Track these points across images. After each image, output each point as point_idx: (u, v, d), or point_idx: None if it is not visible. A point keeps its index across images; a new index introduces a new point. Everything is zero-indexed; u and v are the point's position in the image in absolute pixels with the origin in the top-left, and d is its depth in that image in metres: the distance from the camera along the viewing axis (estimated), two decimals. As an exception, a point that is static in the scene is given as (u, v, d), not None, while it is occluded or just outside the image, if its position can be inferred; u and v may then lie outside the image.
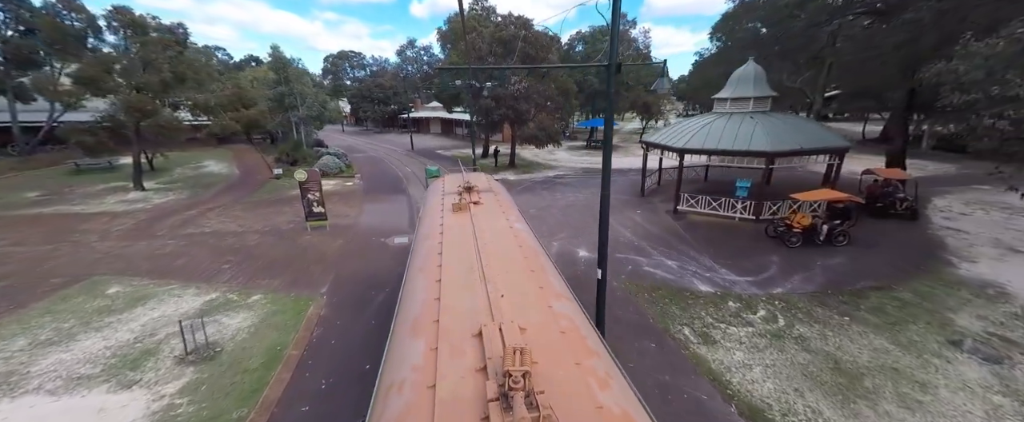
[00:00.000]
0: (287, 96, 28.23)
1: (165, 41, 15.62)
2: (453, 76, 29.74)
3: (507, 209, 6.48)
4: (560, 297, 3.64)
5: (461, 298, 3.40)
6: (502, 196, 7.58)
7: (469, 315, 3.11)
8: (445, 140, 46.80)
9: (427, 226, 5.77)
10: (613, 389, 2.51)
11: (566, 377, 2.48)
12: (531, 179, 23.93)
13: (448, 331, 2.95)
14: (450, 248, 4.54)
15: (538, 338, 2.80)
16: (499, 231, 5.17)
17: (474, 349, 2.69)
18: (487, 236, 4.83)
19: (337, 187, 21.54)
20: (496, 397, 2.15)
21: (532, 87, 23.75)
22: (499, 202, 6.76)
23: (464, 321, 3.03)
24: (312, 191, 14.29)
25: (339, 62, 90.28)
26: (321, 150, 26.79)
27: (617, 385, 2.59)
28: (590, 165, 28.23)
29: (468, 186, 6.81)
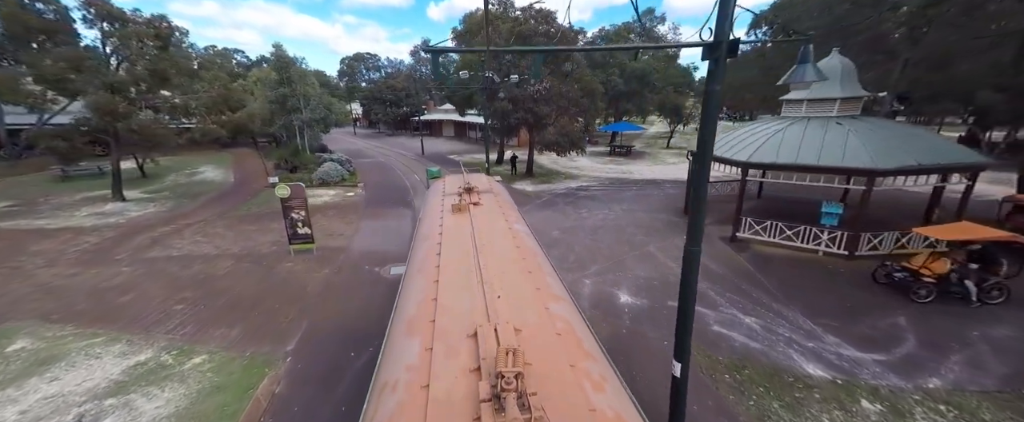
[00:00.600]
0: (289, 98, 26.43)
1: (141, 34, 13.79)
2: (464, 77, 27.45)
3: (507, 210, 6.42)
4: (557, 299, 3.60)
5: (458, 298, 3.37)
6: (502, 197, 7.52)
7: (465, 316, 3.07)
8: (458, 144, 44.64)
9: (427, 227, 5.76)
10: (607, 392, 2.49)
11: (560, 379, 2.46)
12: (551, 191, 21.36)
13: (444, 331, 2.94)
14: (449, 249, 4.51)
15: (533, 339, 2.78)
16: (498, 232, 5.14)
17: (469, 350, 2.68)
18: (486, 237, 4.77)
19: (335, 199, 19.41)
20: (489, 398, 2.12)
21: (554, 88, 21.23)
22: (499, 203, 6.67)
23: (460, 321, 3.01)
24: (296, 210, 12.09)
25: (355, 64, 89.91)
26: (323, 156, 24.85)
27: (611, 388, 2.58)
28: (616, 174, 25.47)
29: (468, 187, 6.76)
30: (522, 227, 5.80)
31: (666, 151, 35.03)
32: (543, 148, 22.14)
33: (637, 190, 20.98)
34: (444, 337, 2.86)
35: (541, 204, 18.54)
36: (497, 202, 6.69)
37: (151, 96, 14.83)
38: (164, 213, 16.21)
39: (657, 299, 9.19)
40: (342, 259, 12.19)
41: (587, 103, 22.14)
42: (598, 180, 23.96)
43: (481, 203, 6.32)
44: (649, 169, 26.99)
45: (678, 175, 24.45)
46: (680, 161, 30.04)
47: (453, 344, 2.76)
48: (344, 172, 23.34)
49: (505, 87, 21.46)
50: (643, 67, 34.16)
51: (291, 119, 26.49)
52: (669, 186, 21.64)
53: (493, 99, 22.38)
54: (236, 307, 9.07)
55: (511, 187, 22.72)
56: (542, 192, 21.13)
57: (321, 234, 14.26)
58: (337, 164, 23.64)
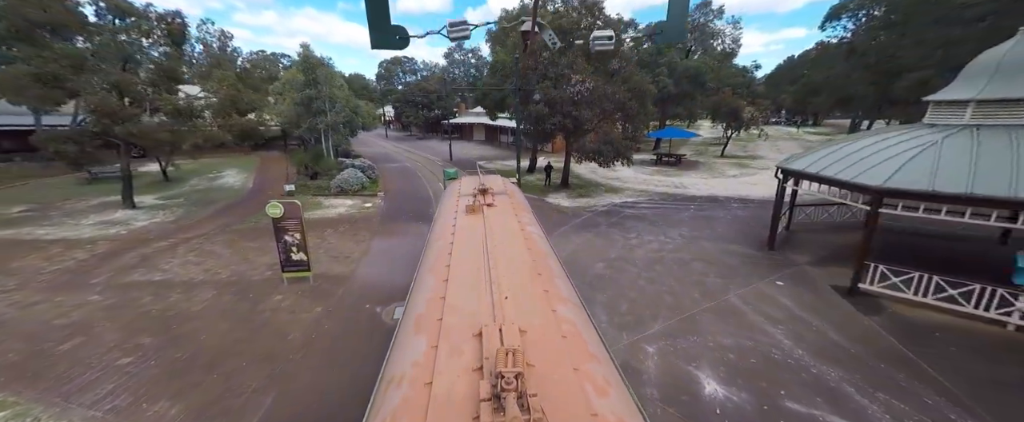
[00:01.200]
0: (315, 100, 25.28)
1: (145, 30, 12.64)
2: (502, 78, 25.21)
3: (520, 212, 6.33)
4: (565, 301, 3.59)
5: (466, 298, 3.39)
6: (516, 199, 7.43)
7: (472, 315, 3.10)
8: (488, 148, 42.56)
9: (440, 227, 5.79)
10: (611, 397, 2.45)
11: (562, 382, 2.44)
12: (590, 207, 18.54)
13: (450, 330, 2.95)
14: (460, 248, 4.53)
15: (538, 341, 2.78)
16: (510, 233, 5.11)
17: (473, 349, 2.69)
18: (497, 238, 4.79)
19: (351, 211, 17.63)
20: (489, 397, 2.13)
21: (597, 89, 18.44)
22: (512, 205, 6.62)
23: (466, 321, 3.03)
24: (290, 231, 10.14)
25: (392, 68, 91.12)
26: (345, 162, 23.41)
27: (616, 393, 2.53)
28: (667, 188, 22.18)
29: (483, 188, 6.77)
30: (535, 229, 5.73)
31: (722, 161, 31.06)
32: (582, 157, 19.38)
33: (696, 210, 17.71)
34: (450, 336, 2.88)
35: (580, 225, 15.79)
36: (511, 204, 6.68)
37: (156, 99, 13.65)
38: (169, 223, 15.01)
39: (763, 393, 6.28)
40: (341, 292, 10.11)
41: (636, 106, 19.19)
42: (646, 195, 20.83)
43: (495, 204, 6.32)
44: (706, 183, 23.44)
45: (746, 192, 20.82)
46: (743, 173, 26.17)
47: (458, 343, 2.78)
48: (364, 179, 21.68)
49: (541, 88, 18.94)
50: (697, 66, 30.45)
51: (316, 122, 25.34)
52: (736, 206, 18.18)
53: (527, 102, 19.93)
54: (193, 365, 7.10)
55: (544, 201, 20.10)
56: (580, 209, 18.35)
57: (325, 256, 12.34)
58: (358, 171, 22.03)
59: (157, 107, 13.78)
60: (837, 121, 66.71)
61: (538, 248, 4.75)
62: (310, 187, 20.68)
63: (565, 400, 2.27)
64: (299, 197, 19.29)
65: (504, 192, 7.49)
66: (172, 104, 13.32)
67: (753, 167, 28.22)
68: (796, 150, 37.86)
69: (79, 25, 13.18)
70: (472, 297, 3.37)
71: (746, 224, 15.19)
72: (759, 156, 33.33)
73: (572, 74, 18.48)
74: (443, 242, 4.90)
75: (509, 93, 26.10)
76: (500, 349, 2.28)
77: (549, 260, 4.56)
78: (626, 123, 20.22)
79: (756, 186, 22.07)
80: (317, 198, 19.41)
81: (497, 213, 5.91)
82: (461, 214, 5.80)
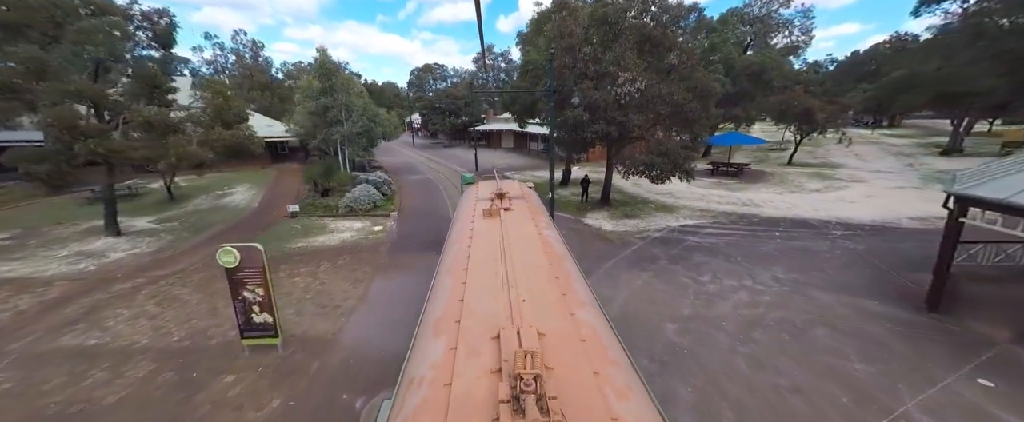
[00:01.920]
0: (330, 109, 23.33)
1: (116, 28, 10.64)
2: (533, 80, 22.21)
3: (537, 216, 6.39)
4: (583, 305, 3.57)
5: (484, 301, 3.41)
6: (532, 203, 7.42)
7: (490, 318, 3.11)
8: (517, 157, 39.61)
9: (458, 230, 5.86)
10: (632, 402, 2.43)
11: (582, 385, 2.43)
12: (641, 232, 15.07)
13: (468, 332, 2.97)
14: (478, 252, 4.57)
15: (556, 344, 2.78)
16: (527, 237, 5.14)
17: (491, 351, 2.70)
18: (515, 241, 4.85)
19: (356, 237, 15.09)
20: (508, 399, 2.13)
21: (650, 89, 15.00)
22: (529, 209, 6.65)
23: (484, 323, 3.04)
24: (250, 286, 7.50)
25: (424, 75, 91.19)
26: (359, 176, 21.13)
27: (637, 397, 2.52)
28: (734, 206, 18.22)
29: (500, 193, 6.94)
30: (552, 233, 5.76)
31: (793, 170, 26.42)
32: (630, 171, 15.94)
33: (783, 238, 13.81)
34: (468, 338, 2.90)
35: (631, 259, 12.39)
36: (528, 208, 6.66)
37: (126, 112, 11.69)
38: (148, 256, 13.00)
39: None
40: (315, 370, 7.35)
41: (698, 109, 15.57)
42: (709, 215, 17.03)
43: (512, 209, 6.37)
44: (783, 200, 19.25)
45: (843, 213, 16.55)
46: (828, 186, 21.62)
47: (476, 345, 2.80)
48: (377, 197, 19.23)
49: (580, 89, 15.73)
50: (761, 61, 26.13)
51: (331, 132, 23.35)
52: (839, 233, 14.08)
53: (563, 106, 16.76)
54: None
55: (581, 222, 16.77)
56: (629, 235, 14.90)
57: (311, 305, 9.69)
58: (371, 187, 19.63)
59: (127, 120, 11.85)
60: (919, 122, 58.76)
61: (555, 252, 4.80)
62: (318, 206, 18.47)
63: (585, 403, 2.26)
64: (303, 220, 17.06)
65: (521, 196, 7.49)
66: (143, 116, 11.28)
67: (838, 178, 23.49)
68: (882, 156, 32.20)
69: (49, 23, 11.35)
70: (490, 300, 3.39)
71: (867, 263, 11.21)
72: (837, 164, 28.29)
73: (619, 72, 15.14)
74: (461, 245, 4.94)
75: (540, 97, 23.08)
76: (519, 351, 2.35)
77: (566, 264, 4.57)
78: (683, 130, 16.58)
79: (855, 204, 17.68)
80: (323, 220, 17.10)
81: (514, 217, 5.93)
82: (479, 218, 5.89)
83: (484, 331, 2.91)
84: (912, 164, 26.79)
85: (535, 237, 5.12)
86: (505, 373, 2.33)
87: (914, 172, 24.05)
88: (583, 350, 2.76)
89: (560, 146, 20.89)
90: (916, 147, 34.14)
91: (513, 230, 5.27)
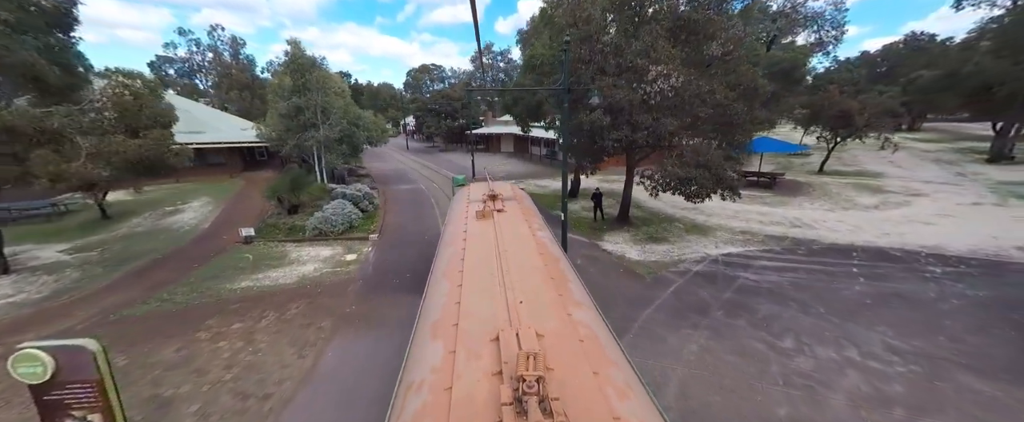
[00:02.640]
0: (304, 110, 20.25)
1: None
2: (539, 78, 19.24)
3: (530, 217, 6.38)
4: (580, 305, 3.57)
5: (481, 303, 3.40)
6: (526, 204, 7.49)
7: (488, 320, 3.10)
8: (517, 163, 36.61)
9: (451, 233, 5.82)
10: (632, 400, 2.44)
11: (583, 385, 2.44)
12: (674, 264, 12.08)
13: (466, 335, 2.95)
14: (472, 254, 4.53)
15: (555, 345, 2.78)
16: (521, 238, 5.13)
17: (491, 353, 2.69)
18: (509, 243, 4.82)
19: (322, 269, 12.00)
20: (510, 401, 2.13)
21: (688, 86, 12.05)
22: (522, 210, 6.63)
23: (482, 326, 3.03)
24: (75, 410, 4.40)
25: (420, 76, 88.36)
26: (336, 189, 18.02)
27: (637, 396, 2.53)
28: (779, 225, 15.21)
29: (493, 194, 6.91)
30: (545, 234, 5.79)
31: (830, 180, 23.49)
32: (660, 186, 12.96)
33: (867, 277, 10.80)
34: (467, 340, 2.89)
35: (673, 306, 9.34)
36: (520, 209, 6.64)
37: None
38: (30, 306, 9.85)
39: None
40: None
41: (744, 111, 12.62)
42: (754, 239, 14.03)
43: (505, 210, 6.32)
44: (839, 219, 16.26)
45: (932, 240, 13.52)
46: (883, 202, 18.67)
47: (475, 348, 2.78)
48: (355, 215, 16.15)
49: (599, 87, 12.74)
50: (792, 57, 23.23)
51: (305, 138, 20.26)
52: (940, 271, 11.05)
53: (577, 108, 13.78)
54: None
55: (598, 247, 13.80)
56: (661, 266, 11.90)
57: (229, 394, 6.58)
58: (348, 203, 16.56)
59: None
60: (938, 126, 56.16)
61: (549, 252, 4.77)
62: (281, 228, 15.36)
63: (586, 404, 2.27)
64: (259, 247, 13.95)
65: (514, 198, 7.51)
66: (3, 122, 8.21)
67: (890, 191, 20.53)
68: (920, 163, 28.99)
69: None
70: (487, 302, 3.37)
71: (1008, 321, 8.19)
72: (875, 172, 25.41)
73: (648, 65, 12.16)
74: (455, 248, 4.93)
75: (549, 97, 20.10)
76: (520, 353, 2.31)
77: (561, 264, 4.57)
78: (725, 135, 13.62)
79: (934, 227, 14.69)
80: (285, 246, 14.00)
81: (508, 218, 5.94)
82: (472, 220, 5.93)
83: (483, 333, 2.91)
84: (962, 173, 23.92)
85: (529, 238, 5.12)
86: (506, 375, 2.33)
87: (975, 183, 21.16)
88: (582, 350, 2.78)
89: (572, 154, 17.94)
90: (954, 153, 31.31)
91: (507, 231, 5.26)
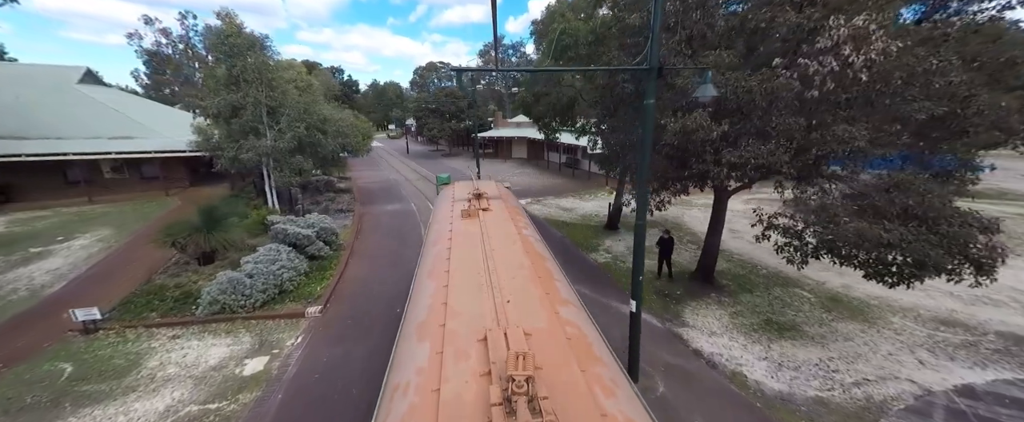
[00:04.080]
0: (241, 109, 14.52)
1: None
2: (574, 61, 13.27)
3: (516, 216, 6.30)
4: (567, 304, 3.58)
5: (468, 303, 3.37)
6: (511, 203, 7.38)
7: (475, 320, 3.06)
8: (532, 173, 30.48)
9: (436, 232, 5.79)
10: (619, 397, 2.45)
11: (571, 383, 2.44)
12: (858, 408, 5.83)
13: (454, 335, 2.92)
14: (458, 254, 4.50)
15: (543, 344, 2.77)
16: (507, 237, 5.07)
17: (479, 353, 2.65)
18: (495, 242, 4.78)
19: (190, 401, 6.14)
20: (500, 401, 2.10)
21: (895, 59, 5.98)
22: (508, 209, 6.51)
23: (470, 326, 3.00)
24: None
25: (427, 73, 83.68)
26: (277, 223, 12.11)
27: (623, 393, 2.53)
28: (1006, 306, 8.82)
29: (478, 193, 6.79)
30: (531, 232, 5.74)
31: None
32: (818, 247, 6.86)
33: None
34: (454, 341, 2.84)
35: None
36: (506, 208, 6.54)
37: None
38: None
39: None
40: None
41: (985, 105, 6.65)
42: (979, 340, 7.76)
43: (491, 209, 6.25)
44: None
45: None
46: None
47: (463, 348, 2.74)
48: (294, 269, 10.31)
49: (717, 66, 6.72)
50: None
51: (242, 147, 14.49)
52: None
53: (664, 98, 7.73)
54: None
55: (679, 338, 7.60)
56: (828, 412, 5.72)
57: None
58: (284, 250, 10.73)
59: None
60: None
61: (536, 251, 4.77)
62: (168, 296, 9.58)
63: (575, 402, 2.27)
64: (107, 339, 8.17)
65: (499, 196, 7.35)
66: None
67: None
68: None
69: None
70: (474, 302, 3.35)
71: None
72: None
73: (828, 25, 6.09)
74: (441, 247, 4.88)
75: (582, 93, 14.08)
76: (510, 353, 2.30)
77: (547, 263, 4.56)
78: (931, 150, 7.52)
79: None
80: (155, 339, 8.21)
81: (493, 217, 5.89)
82: (457, 219, 5.82)
83: (470, 333, 2.86)
84: None
85: (515, 237, 5.05)
86: (495, 375, 2.30)
87: None
88: (569, 348, 2.77)
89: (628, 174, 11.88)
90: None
91: (493, 230, 5.19)
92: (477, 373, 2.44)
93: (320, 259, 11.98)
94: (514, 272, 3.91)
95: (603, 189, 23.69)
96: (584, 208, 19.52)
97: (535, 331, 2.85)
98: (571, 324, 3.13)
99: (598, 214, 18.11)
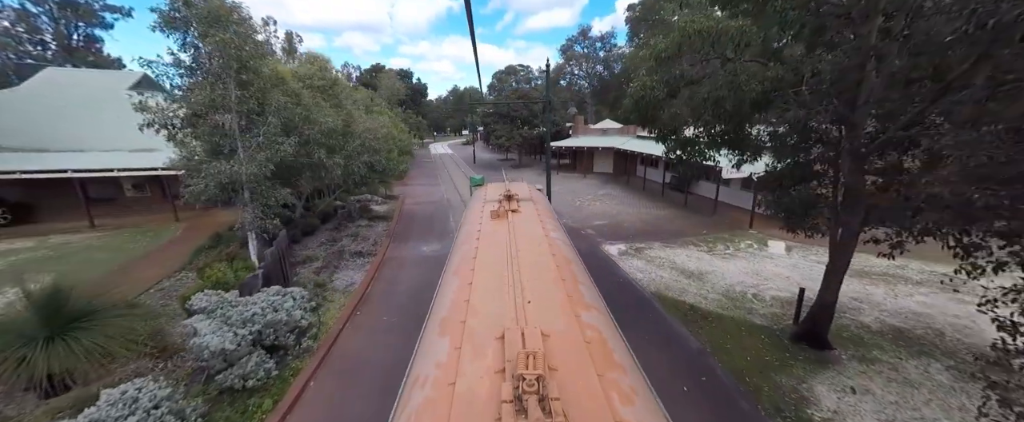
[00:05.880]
0: (209, 116, 9.74)
1: None
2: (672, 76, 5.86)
3: (545, 218, 6.34)
4: (589, 307, 3.54)
5: (489, 302, 3.43)
6: (541, 205, 7.44)
7: (495, 318, 3.13)
8: (621, 195, 22.67)
9: (466, 231, 5.93)
10: (637, 406, 2.40)
11: (586, 387, 2.42)
12: None
13: (473, 332, 2.99)
14: (485, 253, 4.59)
15: (560, 345, 2.78)
16: (534, 239, 5.15)
17: (495, 351, 2.71)
18: (522, 243, 4.83)
19: None
20: (511, 399, 2.12)
21: None
22: (537, 211, 6.67)
23: (489, 324, 3.06)
24: None
25: (506, 78, 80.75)
26: (193, 307, 6.87)
27: (643, 402, 2.47)
28: None
29: (509, 194, 6.92)
30: (559, 235, 5.79)
31: None
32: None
33: None
34: (473, 338, 2.92)
35: None
36: (536, 210, 6.71)
37: None
38: None
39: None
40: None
41: None
42: None
43: (520, 211, 6.39)
44: None
45: None
46: None
47: (481, 345, 2.81)
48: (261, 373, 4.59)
49: None
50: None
51: (210, 169, 9.72)
52: None
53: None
54: None
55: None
56: None
57: None
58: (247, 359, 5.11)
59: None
60: None
61: (562, 254, 4.76)
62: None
63: (588, 405, 2.26)
64: None
65: (529, 198, 7.46)
66: None
67: None
68: None
69: None
70: (496, 300, 3.41)
71: None
72: None
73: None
74: (469, 246, 4.98)
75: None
76: (522, 352, 2.33)
77: (573, 266, 4.54)
78: None
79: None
80: None
81: (522, 219, 6.01)
82: (486, 219, 5.99)
83: (489, 331, 2.95)
84: None
85: (542, 239, 5.14)
86: (508, 373, 2.34)
87: None
88: (588, 352, 2.78)
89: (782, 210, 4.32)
90: None
91: (521, 232, 5.31)
92: (492, 370, 2.48)
93: (284, 363, 6.33)
94: (538, 273, 3.92)
95: (743, 231, 15.29)
96: (725, 273, 11.54)
97: (553, 332, 2.85)
98: (592, 328, 3.09)
99: (757, 290, 10.22)
